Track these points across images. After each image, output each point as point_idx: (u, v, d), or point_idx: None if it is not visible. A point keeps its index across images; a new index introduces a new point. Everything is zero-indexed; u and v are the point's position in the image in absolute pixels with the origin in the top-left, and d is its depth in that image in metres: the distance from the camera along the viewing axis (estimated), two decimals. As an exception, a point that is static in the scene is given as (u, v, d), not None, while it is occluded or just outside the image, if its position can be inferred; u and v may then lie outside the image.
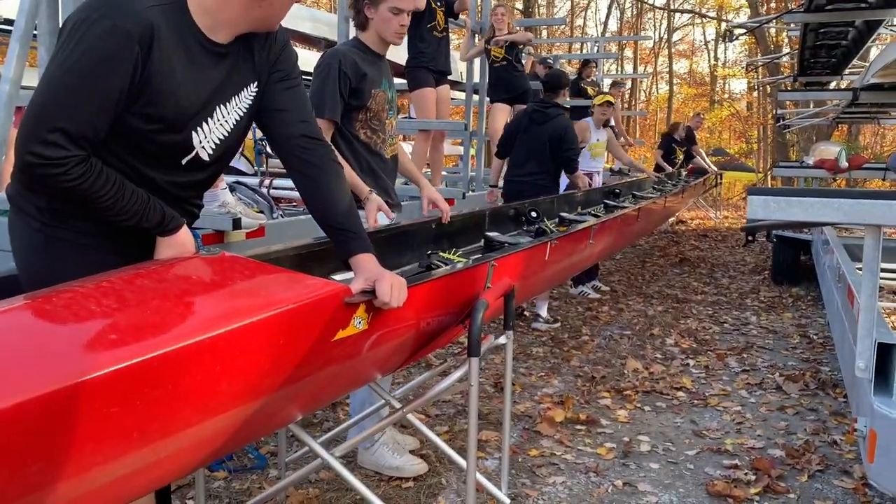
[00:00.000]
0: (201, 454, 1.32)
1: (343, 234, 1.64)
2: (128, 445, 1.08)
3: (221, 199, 3.04)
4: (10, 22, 6.59)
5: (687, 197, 8.58)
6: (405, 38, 2.85)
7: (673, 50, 33.51)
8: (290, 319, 1.33)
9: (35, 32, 2.97)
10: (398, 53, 4.85)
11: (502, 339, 2.18)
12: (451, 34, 5.89)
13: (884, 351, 1.96)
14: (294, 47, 1.75)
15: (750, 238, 10.34)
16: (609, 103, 6.42)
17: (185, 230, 1.51)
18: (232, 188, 3.66)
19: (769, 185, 12.95)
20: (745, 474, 2.91)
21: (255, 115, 1.66)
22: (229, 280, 1.36)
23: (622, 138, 9.35)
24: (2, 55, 15.70)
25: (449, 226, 2.96)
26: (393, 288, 1.55)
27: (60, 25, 2.91)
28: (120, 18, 1.38)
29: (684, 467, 3.00)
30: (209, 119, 1.55)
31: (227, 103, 1.57)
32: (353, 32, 4.72)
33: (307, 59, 6.24)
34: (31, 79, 3.18)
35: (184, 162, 1.55)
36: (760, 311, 5.92)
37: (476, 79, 6.46)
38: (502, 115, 6.62)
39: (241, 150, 3.87)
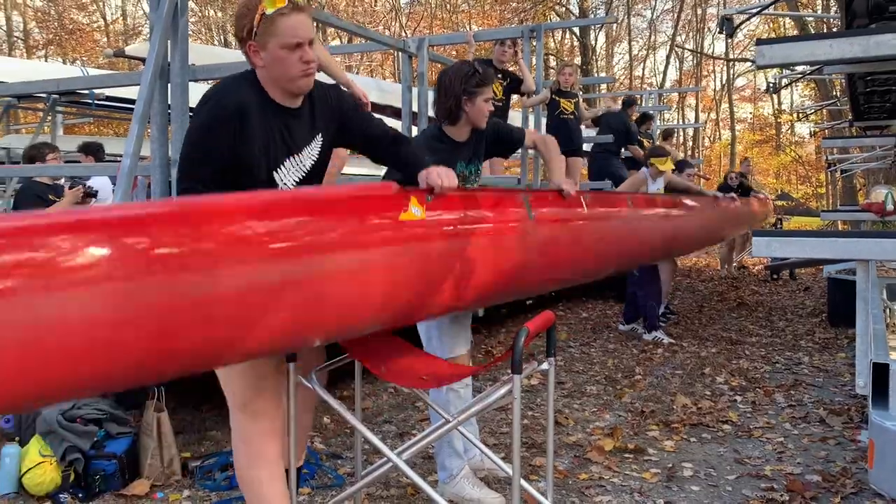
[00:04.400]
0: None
1: (415, 167, 2.24)
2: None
3: None
4: (121, 100, 7.41)
5: (741, 215, 8.40)
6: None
7: (736, 96, 33.52)
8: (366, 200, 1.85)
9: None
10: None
11: (545, 366, 2.53)
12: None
13: (881, 370, 2.23)
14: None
15: (774, 276, 10.59)
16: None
17: None
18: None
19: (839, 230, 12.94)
20: (780, 495, 3.14)
21: (361, 148, 2.37)
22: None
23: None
24: (101, 125, 16.95)
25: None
26: (441, 174, 2.11)
27: (169, 108, 3.48)
28: (223, 99, 2.04)
29: (723, 489, 3.25)
30: (285, 163, 2.17)
31: (300, 153, 2.19)
32: (415, 99, 5.25)
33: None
34: (146, 150, 3.74)
35: None
36: (814, 351, 6.06)
37: (531, 133, 6.94)
38: None
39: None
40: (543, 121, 7.55)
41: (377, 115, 2.50)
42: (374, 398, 4.57)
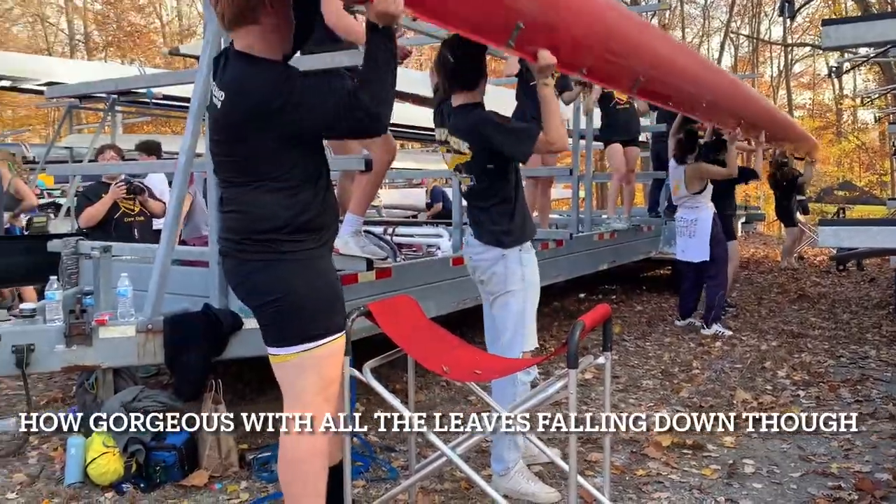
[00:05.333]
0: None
1: None
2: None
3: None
4: (178, 98, 7.55)
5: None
6: None
7: (794, 82, 32.52)
8: None
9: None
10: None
11: (601, 360, 2.48)
12: None
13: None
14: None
15: (840, 267, 10.22)
16: None
17: None
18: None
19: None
20: (848, 494, 3.02)
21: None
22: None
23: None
24: (147, 124, 17.38)
25: None
26: None
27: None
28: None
29: (787, 487, 3.15)
30: None
31: None
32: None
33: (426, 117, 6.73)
34: (202, 147, 3.78)
35: None
36: (881, 345, 5.83)
37: (583, 125, 6.73)
38: (620, 154, 6.95)
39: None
40: (598, 112, 7.40)
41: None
42: (426, 391, 4.57)
